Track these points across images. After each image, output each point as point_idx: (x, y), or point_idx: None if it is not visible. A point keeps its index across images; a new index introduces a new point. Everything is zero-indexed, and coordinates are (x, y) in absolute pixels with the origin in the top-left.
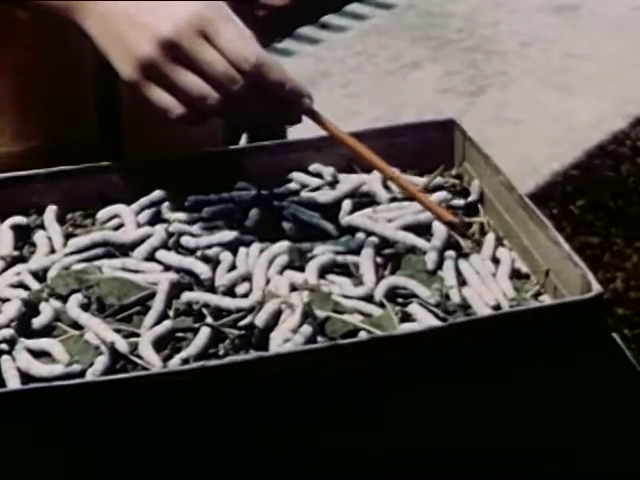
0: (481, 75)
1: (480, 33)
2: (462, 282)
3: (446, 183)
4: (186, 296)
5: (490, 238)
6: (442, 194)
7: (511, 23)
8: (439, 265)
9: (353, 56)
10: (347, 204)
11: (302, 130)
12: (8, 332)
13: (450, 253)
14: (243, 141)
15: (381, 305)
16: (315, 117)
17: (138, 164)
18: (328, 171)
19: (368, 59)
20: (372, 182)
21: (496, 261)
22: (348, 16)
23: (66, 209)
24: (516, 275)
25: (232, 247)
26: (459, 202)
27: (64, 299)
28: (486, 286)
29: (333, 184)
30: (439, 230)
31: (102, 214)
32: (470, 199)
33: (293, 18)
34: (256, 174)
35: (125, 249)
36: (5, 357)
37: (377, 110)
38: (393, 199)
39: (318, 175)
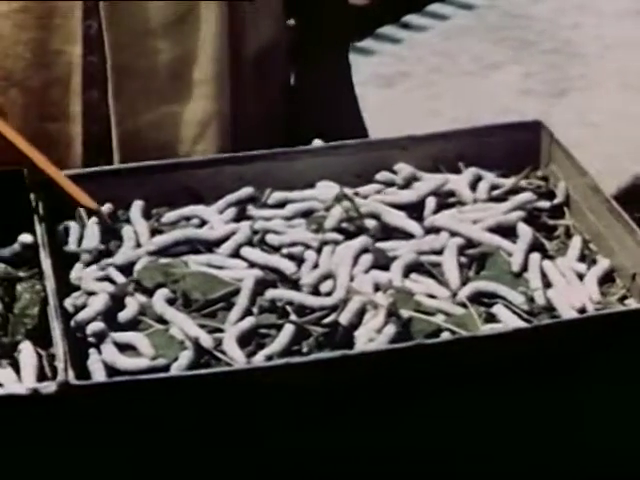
0: (562, 77)
1: (562, 35)
2: (547, 284)
3: (532, 185)
4: (270, 293)
5: (576, 241)
6: (528, 195)
7: (593, 26)
8: (524, 267)
9: (434, 56)
10: (431, 203)
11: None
12: (98, 326)
13: (535, 255)
14: (316, 143)
15: (464, 306)
16: None
17: (221, 160)
18: (406, 171)
19: (449, 59)
20: (457, 182)
21: (582, 261)
22: (429, 16)
23: (152, 204)
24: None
25: (316, 245)
26: (545, 204)
27: (150, 292)
28: (571, 289)
29: (410, 183)
30: (524, 232)
31: (172, 215)
32: (556, 201)
33: (374, 17)
34: (340, 172)
35: (210, 246)
36: (92, 350)
37: (457, 111)
38: (478, 200)
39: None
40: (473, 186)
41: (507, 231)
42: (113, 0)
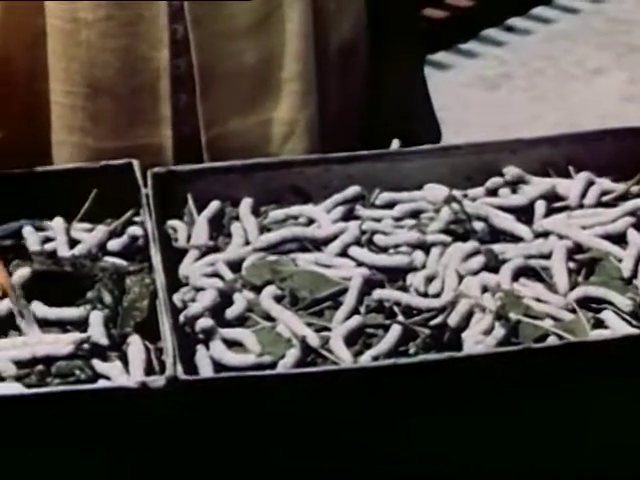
0: None
1: None
2: None
3: None
4: (377, 293)
5: None
6: (638, 202)
7: None
8: (634, 273)
9: (537, 59)
10: (540, 207)
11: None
12: (207, 322)
13: None
14: (394, 145)
15: (572, 311)
16: None
17: (329, 159)
18: (514, 172)
19: (552, 63)
20: (567, 187)
21: None
22: (534, 19)
23: (260, 202)
24: None
25: (423, 246)
26: None
27: (258, 290)
28: None
29: (517, 184)
30: (634, 238)
31: (277, 214)
32: None
33: (478, 20)
34: (448, 174)
35: (317, 244)
36: (199, 345)
37: (559, 114)
38: (588, 205)
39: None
40: (584, 191)
41: (617, 237)
42: (198, 0)
